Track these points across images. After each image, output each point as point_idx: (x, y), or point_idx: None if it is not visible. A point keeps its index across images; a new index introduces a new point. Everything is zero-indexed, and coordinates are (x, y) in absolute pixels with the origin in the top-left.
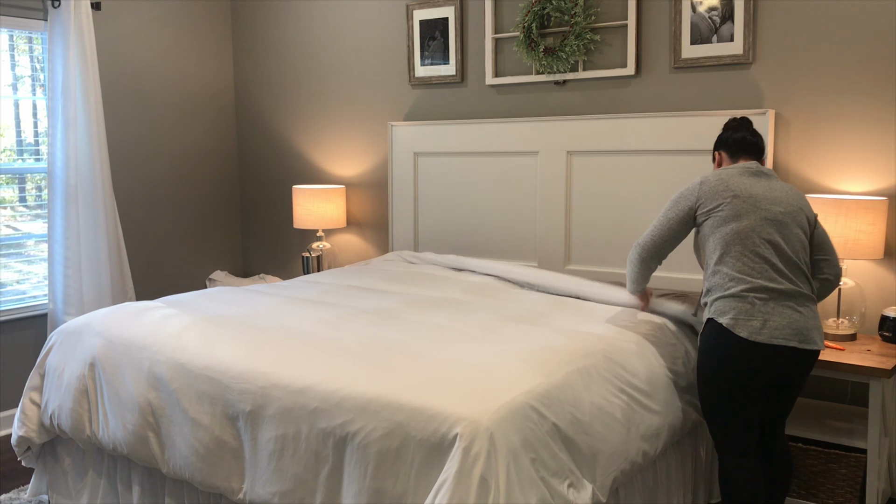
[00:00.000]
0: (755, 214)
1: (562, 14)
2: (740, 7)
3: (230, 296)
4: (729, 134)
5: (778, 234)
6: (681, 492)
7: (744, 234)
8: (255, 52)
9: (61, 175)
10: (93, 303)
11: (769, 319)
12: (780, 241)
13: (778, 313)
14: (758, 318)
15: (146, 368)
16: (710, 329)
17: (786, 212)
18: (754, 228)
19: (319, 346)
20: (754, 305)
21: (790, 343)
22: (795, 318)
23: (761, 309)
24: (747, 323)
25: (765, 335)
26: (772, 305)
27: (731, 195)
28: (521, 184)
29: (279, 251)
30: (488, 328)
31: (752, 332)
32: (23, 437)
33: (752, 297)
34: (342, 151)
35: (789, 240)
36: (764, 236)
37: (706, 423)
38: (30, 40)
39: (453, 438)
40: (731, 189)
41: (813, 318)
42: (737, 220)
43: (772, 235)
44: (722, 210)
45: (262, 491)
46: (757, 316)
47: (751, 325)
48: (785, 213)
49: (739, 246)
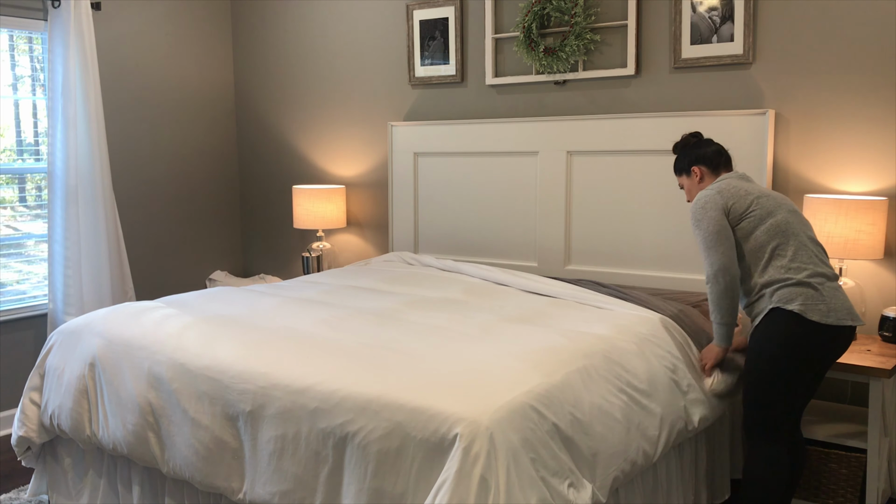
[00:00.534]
0: (782, 209)
1: (562, 14)
2: (740, 7)
3: (230, 296)
4: (703, 149)
5: (802, 225)
6: (681, 492)
7: (784, 226)
8: (255, 52)
9: (61, 175)
10: (93, 303)
11: (831, 302)
12: (810, 231)
13: (834, 296)
14: (823, 303)
15: (146, 368)
16: (777, 317)
17: (792, 209)
18: (789, 221)
19: (319, 346)
20: (818, 291)
21: (848, 322)
22: (844, 298)
23: (823, 293)
24: (816, 307)
25: (832, 318)
26: (829, 289)
27: (756, 195)
28: (521, 184)
29: (279, 251)
30: (488, 328)
31: (822, 316)
32: (23, 437)
33: (815, 283)
34: (342, 151)
35: (808, 229)
36: (799, 227)
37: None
38: (30, 40)
39: (453, 438)
40: (751, 191)
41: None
42: (771, 216)
43: (804, 226)
44: (755, 210)
45: (262, 491)
46: (822, 300)
47: (819, 310)
48: (792, 209)
49: (786, 238)
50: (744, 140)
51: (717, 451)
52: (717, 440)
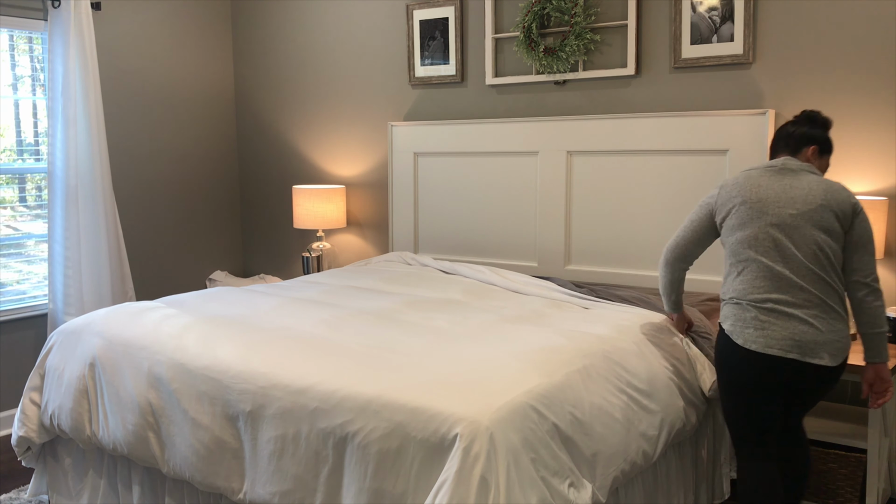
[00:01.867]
0: (760, 221)
1: (562, 14)
2: (740, 7)
3: (230, 296)
4: (777, 131)
5: (787, 239)
6: (681, 492)
7: (748, 242)
8: (255, 52)
9: (61, 175)
10: (93, 303)
11: (768, 329)
12: (788, 247)
13: (779, 324)
14: (755, 327)
15: (146, 368)
16: (718, 334)
17: (799, 213)
18: (758, 237)
19: (319, 346)
20: (751, 313)
21: (788, 355)
22: (801, 329)
23: (760, 318)
24: (743, 331)
25: (759, 344)
26: (775, 315)
27: (740, 201)
28: (522, 184)
29: (279, 251)
30: (488, 328)
31: (748, 341)
32: (23, 437)
33: (749, 305)
34: (342, 151)
35: (801, 243)
36: (768, 244)
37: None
38: (30, 40)
39: (453, 438)
40: (742, 194)
41: (830, 331)
42: (742, 228)
43: (779, 242)
44: (731, 218)
45: (262, 491)
46: (754, 324)
47: (746, 333)
48: (797, 214)
49: (743, 255)
50: (744, 140)
51: (717, 451)
52: (717, 440)
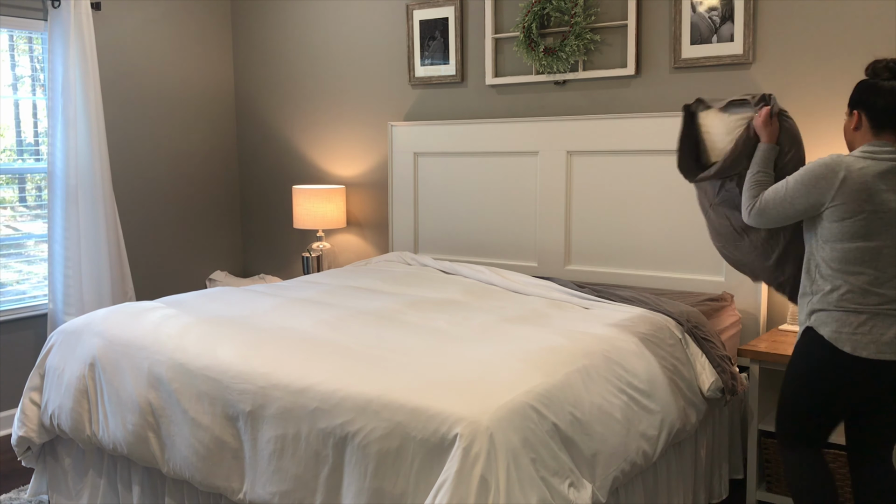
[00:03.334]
0: (888, 234)
1: (562, 14)
2: (740, 7)
3: (230, 296)
4: (879, 94)
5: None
6: (681, 492)
7: (870, 253)
8: (255, 52)
9: (61, 175)
10: (93, 303)
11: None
12: None
13: (889, 327)
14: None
15: (146, 368)
16: (812, 339)
17: None
18: (882, 250)
19: (319, 346)
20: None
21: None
22: None
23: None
24: (851, 338)
25: (870, 350)
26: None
27: (871, 209)
28: (522, 184)
29: (279, 251)
30: (488, 329)
31: (857, 347)
32: (23, 437)
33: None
34: (342, 151)
35: None
36: (888, 260)
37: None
38: (30, 40)
39: (453, 438)
40: (873, 201)
41: None
42: (865, 239)
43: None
44: (855, 223)
45: (262, 491)
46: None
47: (855, 341)
48: None
49: (858, 265)
50: None
51: (717, 451)
52: (717, 440)
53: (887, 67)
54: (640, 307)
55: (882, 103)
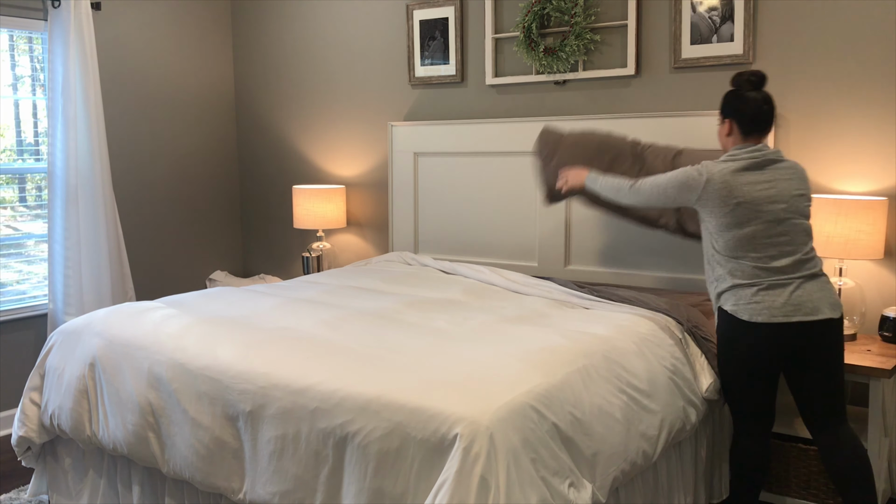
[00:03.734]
0: (757, 220)
1: (562, 14)
2: (740, 7)
3: (230, 296)
4: (745, 104)
5: (779, 234)
6: (681, 492)
7: (746, 239)
8: (255, 52)
9: (61, 175)
10: (93, 303)
11: (768, 302)
12: (780, 240)
13: (779, 295)
14: (760, 303)
15: (146, 368)
16: (721, 316)
17: (787, 207)
18: (755, 234)
19: (319, 346)
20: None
21: (792, 319)
22: (798, 294)
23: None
24: (748, 307)
25: (764, 315)
26: (774, 292)
27: (735, 202)
28: (522, 184)
29: (279, 251)
30: (488, 329)
31: (753, 315)
32: (23, 437)
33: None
34: (342, 151)
35: (791, 234)
36: (763, 241)
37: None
38: (30, 40)
39: (453, 438)
40: (735, 195)
41: (816, 289)
42: (739, 227)
43: (773, 237)
44: (727, 217)
45: (262, 491)
46: (760, 302)
47: (751, 309)
48: (786, 208)
49: (742, 250)
50: None
51: (717, 451)
52: (717, 440)
53: (748, 80)
54: (640, 307)
55: (750, 112)
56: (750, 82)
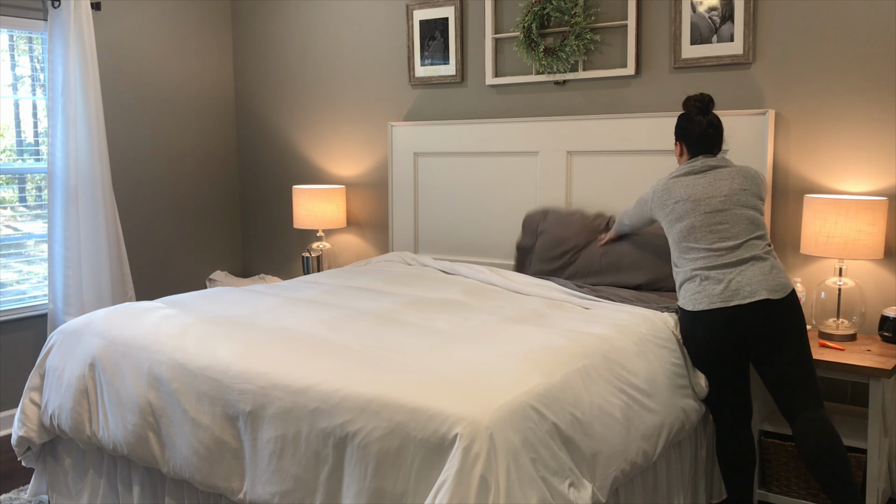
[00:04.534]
0: (695, 211)
1: (562, 14)
2: (740, 7)
3: (230, 296)
4: (692, 127)
5: (718, 223)
6: (681, 492)
7: (685, 231)
8: (255, 52)
9: (61, 175)
10: (93, 303)
11: (708, 290)
12: (719, 229)
13: (718, 283)
14: (700, 293)
15: (146, 368)
16: (680, 313)
17: (726, 197)
18: (694, 225)
19: (319, 346)
20: (699, 283)
21: (730, 303)
22: (737, 280)
23: (704, 284)
24: (692, 297)
25: (703, 303)
26: (715, 279)
27: (674, 201)
28: (521, 184)
29: (279, 251)
30: (488, 329)
31: (695, 304)
32: (23, 437)
33: (698, 278)
34: (342, 151)
35: (731, 222)
36: (701, 232)
37: None
38: (30, 40)
39: (453, 438)
40: (673, 196)
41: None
42: (679, 221)
43: (712, 226)
44: (669, 215)
45: (262, 491)
46: (702, 291)
47: (694, 299)
48: (725, 199)
49: (685, 242)
50: (744, 140)
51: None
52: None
53: (695, 105)
54: (640, 307)
55: (695, 133)
56: (696, 107)
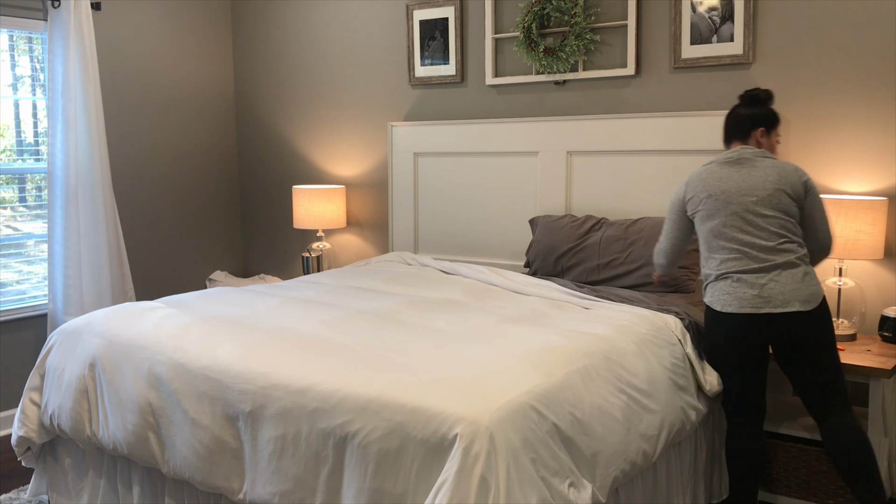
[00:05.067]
0: (726, 210)
1: (562, 14)
2: (740, 7)
3: (230, 296)
4: (730, 116)
5: (749, 224)
6: (681, 492)
7: (716, 231)
8: (255, 52)
9: (61, 175)
10: (93, 303)
11: (739, 293)
12: (751, 230)
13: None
14: (731, 294)
15: (146, 368)
16: (706, 310)
17: (759, 199)
18: (725, 224)
19: (319, 346)
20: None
21: (761, 311)
22: (770, 287)
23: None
24: (721, 298)
25: (734, 306)
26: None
27: (706, 195)
28: (521, 184)
29: (279, 251)
30: (488, 329)
31: (725, 305)
32: (23, 437)
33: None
34: (342, 151)
35: (763, 226)
36: (733, 232)
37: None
38: (30, 40)
39: (453, 438)
40: (707, 188)
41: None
42: (710, 218)
43: (742, 227)
44: (700, 210)
45: (262, 491)
46: (732, 293)
47: (723, 300)
48: (758, 200)
49: (715, 241)
50: None
51: (717, 451)
52: (717, 440)
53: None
54: (640, 307)
55: (731, 121)
56: (741, 98)
